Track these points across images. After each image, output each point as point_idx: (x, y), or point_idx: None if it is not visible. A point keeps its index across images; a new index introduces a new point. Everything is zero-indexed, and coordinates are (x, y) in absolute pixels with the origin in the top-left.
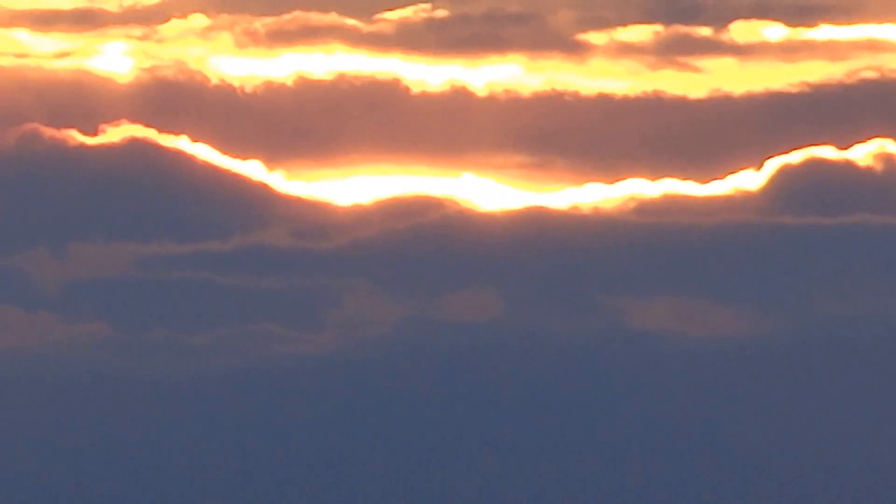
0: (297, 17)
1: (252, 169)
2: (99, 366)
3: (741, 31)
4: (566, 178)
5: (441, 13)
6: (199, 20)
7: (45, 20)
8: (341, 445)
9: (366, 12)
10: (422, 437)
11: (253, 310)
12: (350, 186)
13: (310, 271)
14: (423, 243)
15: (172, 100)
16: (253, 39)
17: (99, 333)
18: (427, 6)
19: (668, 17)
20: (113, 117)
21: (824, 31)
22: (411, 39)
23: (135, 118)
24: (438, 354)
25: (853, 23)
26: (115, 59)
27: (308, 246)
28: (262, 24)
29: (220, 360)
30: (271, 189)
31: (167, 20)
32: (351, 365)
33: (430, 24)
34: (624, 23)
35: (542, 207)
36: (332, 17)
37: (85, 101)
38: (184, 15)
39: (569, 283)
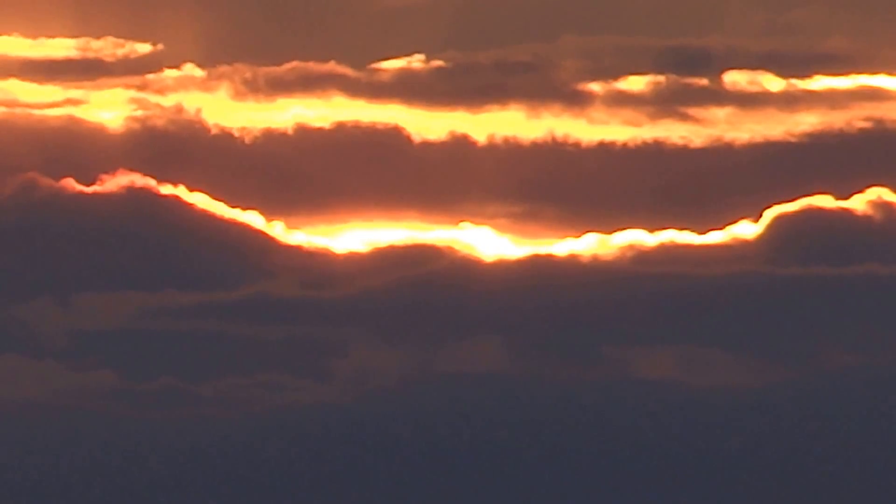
0: (296, 66)
1: (251, 218)
2: (105, 414)
3: (740, 81)
4: (565, 228)
5: (436, 63)
6: (195, 70)
7: (40, 70)
8: (346, 493)
9: (361, 62)
10: (426, 486)
11: (258, 359)
12: (351, 236)
13: (314, 321)
14: (426, 293)
15: (170, 149)
16: (251, 89)
17: (105, 382)
18: (422, 56)
19: (668, 68)
20: (110, 167)
21: (820, 82)
22: (410, 89)
23: (132, 167)
24: (443, 404)
25: (847, 73)
26: (112, 109)
27: (312, 296)
28: (260, 73)
29: (225, 409)
30: (272, 238)
31: (162, 70)
32: (356, 414)
33: (429, 73)
34: (624, 73)
35: (541, 256)
36: (331, 66)
37: (82, 151)
38: (179, 65)
39: (570, 333)
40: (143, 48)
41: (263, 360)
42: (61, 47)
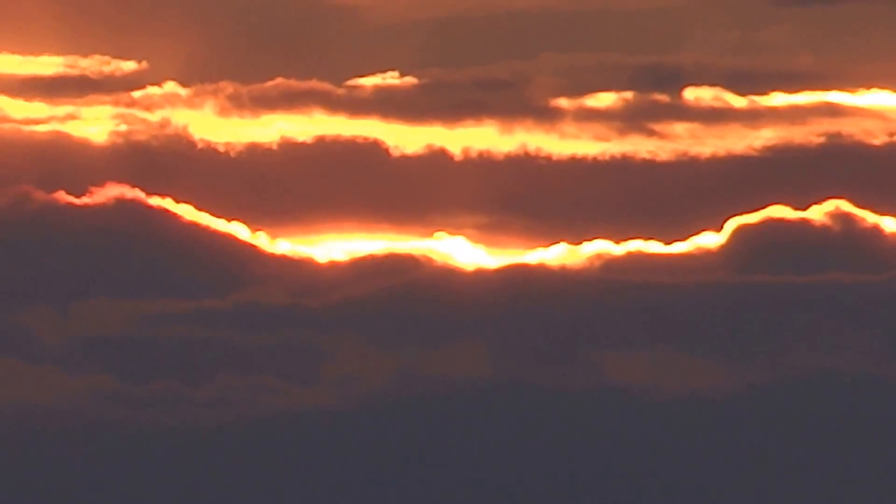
0: (279, 83)
1: (236, 229)
2: (101, 416)
3: (704, 98)
4: (536, 238)
5: (414, 79)
6: (181, 87)
7: (29, 87)
8: (335, 496)
9: (341, 79)
10: (414, 487)
11: (248, 364)
12: (333, 246)
13: (301, 328)
14: (406, 301)
15: (157, 163)
16: (236, 105)
17: (102, 386)
18: (395, 73)
19: (637, 85)
20: (100, 179)
21: (780, 99)
22: (389, 104)
23: (121, 180)
24: (429, 406)
25: (806, 90)
26: (100, 125)
27: (299, 303)
28: (244, 90)
29: (219, 411)
30: (257, 248)
31: (149, 87)
32: (345, 416)
33: (407, 90)
34: (595, 90)
35: (514, 265)
36: (312, 84)
37: (72, 165)
38: (165, 82)
39: (545, 338)
40: (130, 66)
41: (253, 365)
42: (49, 65)
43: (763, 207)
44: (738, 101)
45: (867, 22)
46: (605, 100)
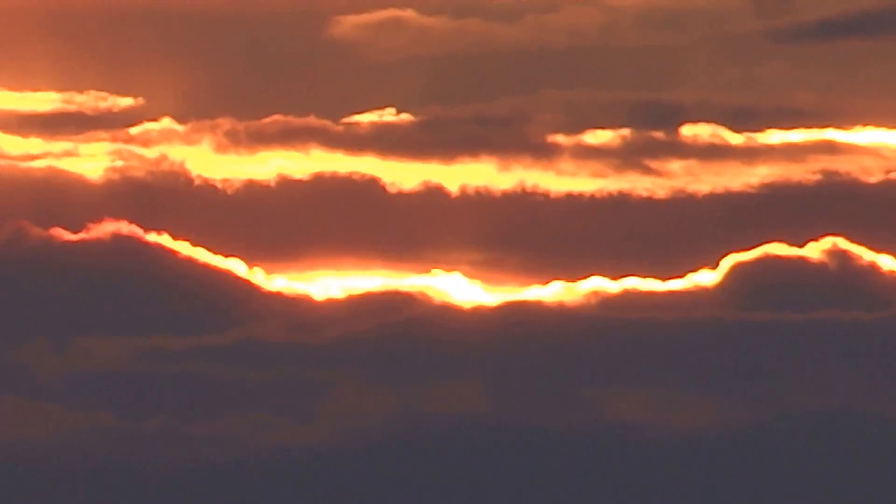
0: (276, 120)
1: (234, 265)
2: (100, 451)
3: (702, 135)
4: (533, 275)
5: (412, 116)
6: (178, 124)
7: (23, 123)
8: None
9: (335, 115)
10: None
11: (246, 400)
12: (329, 282)
13: (299, 364)
14: (404, 337)
15: (155, 199)
16: (233, 142)
17: (100, 422)
18: (392, 110)
19: (635, 122)
20: (97, 216)
21: (777, 136)
22: (386, 141)
23: (118, 216)
24: (427, 443)
25: (803, 127)
26: (97, 161)
27: (296, 340)
28: (242, 127)
29: (217, 448)
30: (254, 285)
31: (146, 123)
32: (342, 453)
33: (405, 126)
34: (593, 127)
35: (512, 302)
36: (310, 120)
37: (69, 201)
38: (163, 118)
39: (543, 375)
40: (127, 102)
41: (251, 402)
42: (46, 101)
43: (760, 245)
44: (735, 139)
45: (864, 60)
46: (602, 137)
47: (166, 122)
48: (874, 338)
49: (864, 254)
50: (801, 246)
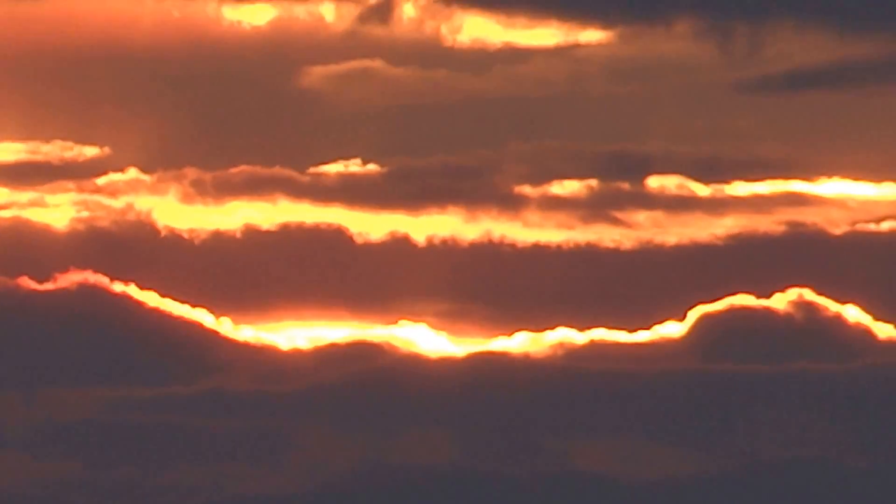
0: (243, 170)
1: (201, 315)
2: (70, 503)
3: (668, 186)
4: (500, 326)
5: (379, 167)
6: (145, 174)
7: None
8: None
9: (302, 165)
10: None
11: (214, 450)
12: (296, 333)
13: (267, 414)
14: (370, 388)
15: (121, 249)
16: (200, 192)
17: (69, 472)
18: (358, 160)
19: (602, 173)
20: (63, 266)
21: (744, 188)
22: (353, 192)
23: (85, 266)
24: (393, 493)
25: (770, 179)
26: (63, 211)
27: (263, 390)
28: (209, 177)
29: (185, 498)
30: (221, 335)
31: (112, 173)
32: (310, 502)
33: (372, 177)
34: (560, 177)
35: (478, 353)
36: (276, 170)
37: (36, 251)
38: (129, 169)
39: (511, 426)
40: (92, 152)
41: (219, 451)
42: (11, 151)
43: (726, 296)
44: (701, 190)
45: (831, 111)
46: (569, 188)
47: (132, 173)
48: (840, 389)
49: (830, 305)
50: (767, 297)
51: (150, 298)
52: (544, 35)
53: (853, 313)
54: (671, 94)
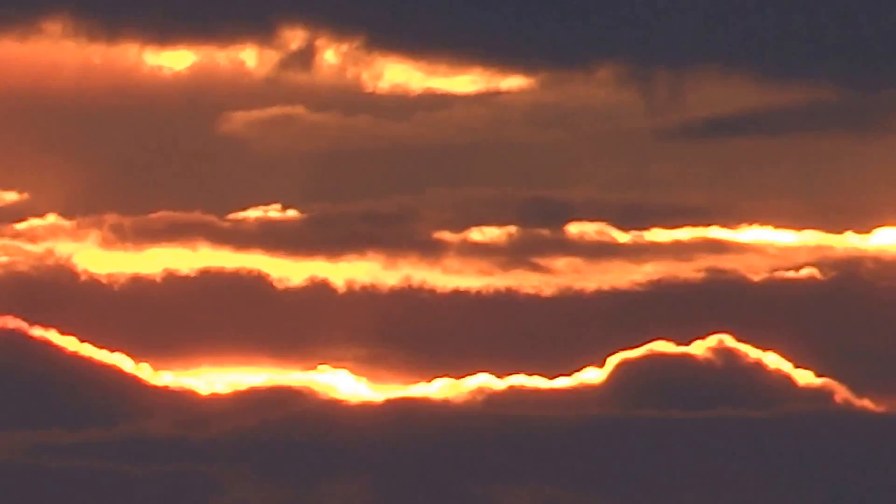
0: (163, 216)
1: (120, 360)
2: None
3: (589, 232)
4: (419, 372)
5: (299, 212)
6: (64, 219)
7: None
8: None
9: (222, 211)
10: None
11: (136, 496)
12: (215, 378)
13: (187, 459)
14: (290, 433)
15: (41, 294)
16: (120, 237)
17: None
18: (278, 206)
19: (523, 219)
20: None
21: (665, 234)
22: (273, 237)
23: (3, 312)
24: None
25: (685, 226)
26: None
27: (186, 435)
28: (128, 222)
29: None
30: (142, 381)
31: (30, 218)
32: None
33: (292, 223)
34: (480, 224)
35: (397, 399)
36: (196, 216)
37: None
38: (48, 214)
39: (431, 471)
40: (11, 197)
41: (138, 497)
42: None
43: (646, 342)
44: (621, 236)
45: (750, 158)
46: (489, 234)
47: (52, 218)
48: (761, 436)
49: (750, 352)
50: (687, 344)
51: (70, 343)
52: (466, 82)
53: (773, 360)
54: (592, 141)
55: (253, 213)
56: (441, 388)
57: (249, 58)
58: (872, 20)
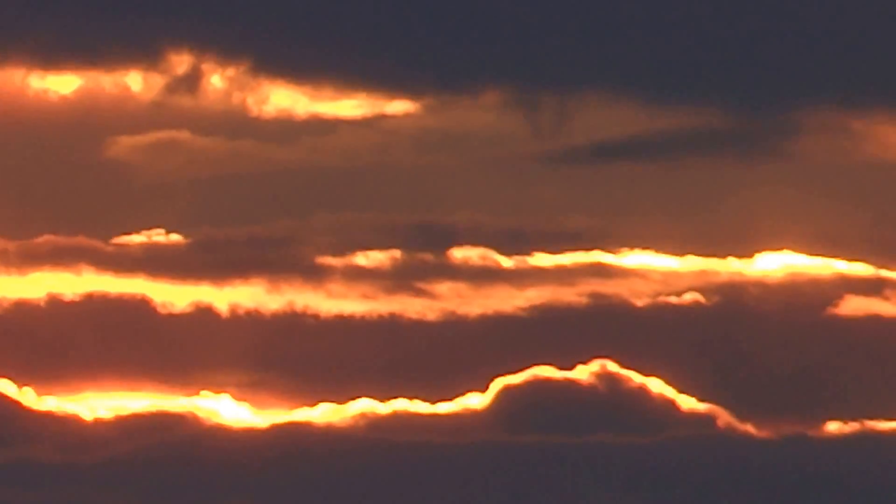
0: (47, 240)
1: (3, 385)
2: None
3: (473, 257)
4: (302, 396)
5: (184, 237)
6: None
7: None
8: None
9: (106, 235)
10: None
11: None
12: (100, 403)
13: (70, 485)
14: (174, 458)
15: None
16: (2, 262)
17: None
18: (161, 230)
19: (407, 244)
20: None
21: (550, 259)
22: (157, 262)
23: None
24: None
25: (568, 251)
26: None
27: (69, 460)
28: (12, 246)
29: None
30: (25, 406)
31: None
32: None
33: (176, 247)
34: (365, 248)
35: (280, 424)
36: (80, 240)
37: None
38: None
39: (314, 496)
40: None
41: None
42: None
43: (529, 367)
44: (505, 261)
45: (634, 183)
46: (373, 258)
47: None
48: (644, 461)
49: (634, 377)
50: (570, 369)
51: None
52: (351, 106)
53: (656, 385)
54: (477, 166)
55: (137, 238)
56: (324, 413)
57: (135, 82)
58: (756, 47)
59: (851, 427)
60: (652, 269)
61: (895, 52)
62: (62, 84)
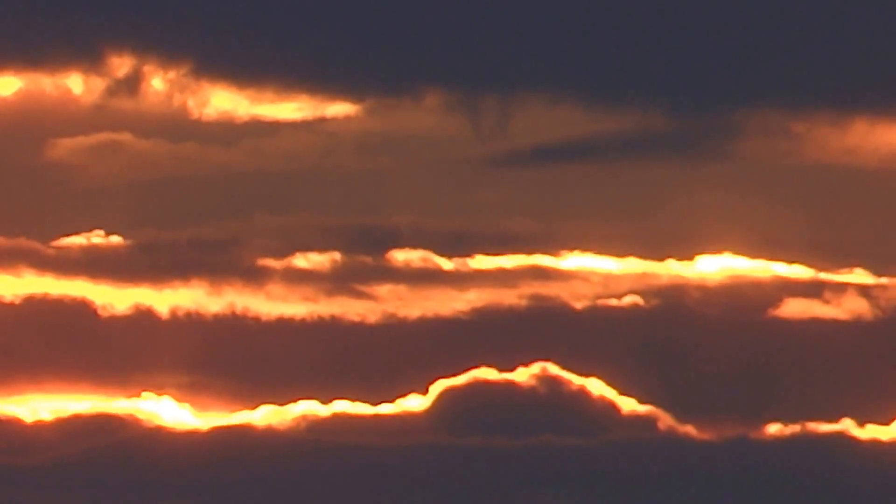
0: None
1: None
2: None
3: (413, 260)
4: (243, 398)
5: (123, 240)
6: None
7: None
8: None
9: (46, 238)
10: None
11: None
12: (40, 405)
13: (12, 488)
14: (115, 460)
15: None
16: None
17: None
18: (101, 232)
19: (348, 247)
20: None
21: (490, 261)
22: (97, 265)
23: None
24: None
25: (509, 253)
26: None
27: (9, 463)
28: None
29: None
30: None
31: None
32: None
33: (116, 250)
34: (305, 250)
35: (221, 426)
36: (20, 242)
37: None
38: None
39: (255, 497)
40: None
41: None
42: None
43: (469, 369)
44: (445, 264)
45: (574, 185)
46: (313, 260)
47: None
48: (584, 463)
49: (574, 379)
50: (510, 371)
51: None
52: (292, 109)
53: (596, 387)
54: (418, 168)
55: (78, 240)
56: (265, 415)
57: (76, 84)
58: (697, 49)
59: (792, 429)
60: (592, 271)
61: (836, 54)
62: (2, 86)
